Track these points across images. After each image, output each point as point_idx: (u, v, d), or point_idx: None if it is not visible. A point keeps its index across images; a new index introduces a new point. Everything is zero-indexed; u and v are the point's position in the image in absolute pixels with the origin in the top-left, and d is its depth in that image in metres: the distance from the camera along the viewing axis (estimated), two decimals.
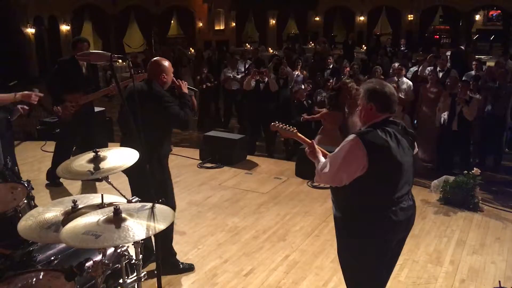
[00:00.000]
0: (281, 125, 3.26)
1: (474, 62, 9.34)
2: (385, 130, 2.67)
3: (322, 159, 2.91)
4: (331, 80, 8.62)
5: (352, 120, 7.59)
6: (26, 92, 4.40)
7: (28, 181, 3.31)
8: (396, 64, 9.00)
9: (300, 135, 3.18)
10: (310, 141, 3.06)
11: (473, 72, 8.93)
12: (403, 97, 7.70)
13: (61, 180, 5.96)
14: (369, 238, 2.71)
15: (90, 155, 2.94)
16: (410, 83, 8.12)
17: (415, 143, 2.87)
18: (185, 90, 3.89)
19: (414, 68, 9.95)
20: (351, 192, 2.69)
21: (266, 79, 8.16)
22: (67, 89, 5.58)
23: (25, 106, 5.27)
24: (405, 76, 8.45)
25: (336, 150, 2.72)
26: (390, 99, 2.74)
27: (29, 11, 16.60)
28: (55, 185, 5.95)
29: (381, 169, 2.62)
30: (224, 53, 14.20)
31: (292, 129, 3.21)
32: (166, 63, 3.83)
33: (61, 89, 5.57)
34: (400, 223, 2.72)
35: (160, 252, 3.00)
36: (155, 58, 3.88)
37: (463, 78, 8.34)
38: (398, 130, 2.74)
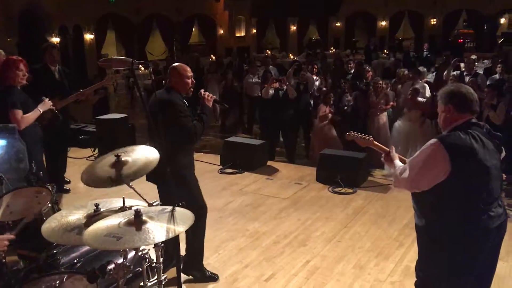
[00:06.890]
0: (357, 134, 3.22)
1: (499, 66, 9.16)
2: (468, 132, 2.55)
3: (400, 164, 2.85)
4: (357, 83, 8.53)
5: (374, 120, 7.53)
6: (44, 103, 4.65)
7: (53, 185, 3.38)
8: (406, 71, 8.83)
9: (376, 143, 3.15)
10: (387, 149, 3.02)
11: (497, 76, 8.76)
12: (423, 100, 7.60)
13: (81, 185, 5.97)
14: (457, 248, 2.57)
15: (112, 158, 2.98)
16: (426, 85, 8.01)
17: (502, 147, 2.72)
18: (209, 104, 3.78)
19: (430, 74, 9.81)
20: (436, 199, 2.59)
21: (285, 86, 8.14)
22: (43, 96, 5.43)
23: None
24: (427, 81, 8.34)
25: (416, 154, 2.64)
26: (468, 98, 2.62)
27: (54, 21, 17.01)
28: (61, 192, 5.87)
29: (466, 173, 2.50)
30: (245, 59, 14.25)
31: (369, 137, 3.18)
32: (177, 66, 3.74)
33: (37, 97, 5.35)
34: (490, 232, 2.58)
35: (179, 257, 3.01)
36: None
37: (488, 82, 8.18)
38: (483, 132, 2.62)
